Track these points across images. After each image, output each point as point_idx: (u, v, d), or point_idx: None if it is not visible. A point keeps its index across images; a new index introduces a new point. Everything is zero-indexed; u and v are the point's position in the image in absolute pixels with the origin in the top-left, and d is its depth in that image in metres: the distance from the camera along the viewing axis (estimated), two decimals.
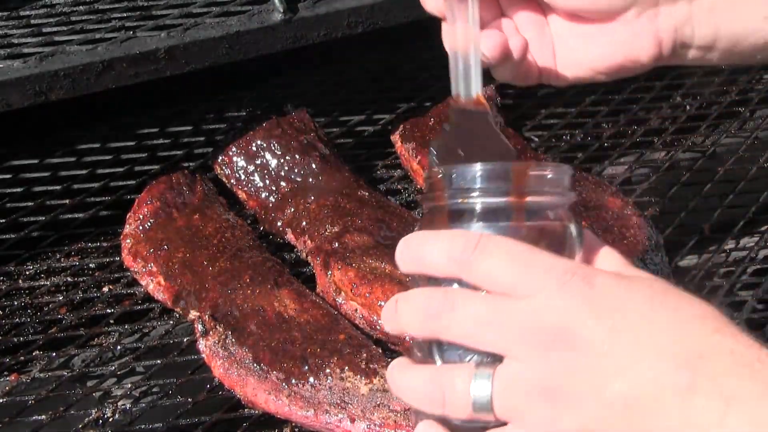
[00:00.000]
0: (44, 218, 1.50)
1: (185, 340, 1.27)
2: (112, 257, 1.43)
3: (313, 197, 1.41)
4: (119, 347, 1.29)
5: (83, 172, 1.61)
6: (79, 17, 1.49)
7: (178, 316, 1.33)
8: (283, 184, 1.45)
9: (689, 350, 0.73)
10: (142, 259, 1.36)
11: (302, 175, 1.45)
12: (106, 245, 1.47)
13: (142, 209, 1.41)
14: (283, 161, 1.46)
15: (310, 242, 1.36)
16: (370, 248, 1.29)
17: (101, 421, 1.18)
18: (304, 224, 1.39)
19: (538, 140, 1.71)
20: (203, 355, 1.21)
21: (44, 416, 1.17)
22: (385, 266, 1.26)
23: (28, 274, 1.42)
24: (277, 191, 1.45)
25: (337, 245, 1.31)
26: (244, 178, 1.47)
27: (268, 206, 1.45)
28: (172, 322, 1.32)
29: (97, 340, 1.32)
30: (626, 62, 0.97)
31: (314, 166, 1.45)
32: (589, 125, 1.74)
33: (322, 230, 1.36)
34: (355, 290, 1.25)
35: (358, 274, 1.26)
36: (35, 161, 1.63)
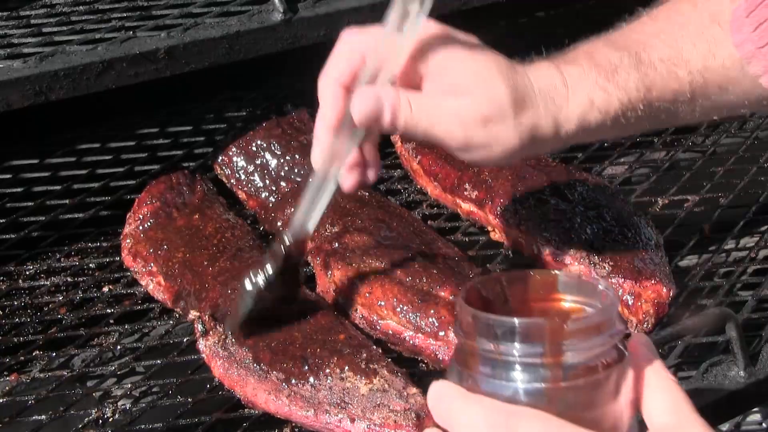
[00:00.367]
0: (44, 218, 1.50)
1: (185, 340, 1.27)
2: (112, 257, 1.43)
3: None
4: (119, 347, 1.29)
5: (83, 172, 1.61)
6: (79, 17, 1.49)
7: (178, 316, 1.33)
8: (283, 184, 1.45)
9: None
10: (142, 259, 1.36)
11: (302, 175, 1.45)
12: (106, 245, 1.47)
13: (142, 209, 1.41)
14: (283, 161, 1.46)
15: (310, 242, 1.36)
16: (370, 248, 1.29)
17: (101, 421, 1.18)
18: None
19: None
20: (203, 355, 1.21)
21: (44, 416, 1.17)
22: (385, 266, 1.26)
23: (28, 274, 1.42)
24: (277, 191, 1.45)
25: (337, 245, 1.31)
26: (244, 178, 1.47)
27: (268, 206, 1.45)
28: (172, 322, 1.32)
29: (97, 340, 1.32)
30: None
31: None
32: None
33: (322, 230, 1.36)
34: (355, 290, 1.25)
35: (358, 274, 1.26)
36: (35, 161, 1.63)
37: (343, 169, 1.02)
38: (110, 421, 1.18)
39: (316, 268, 1.33)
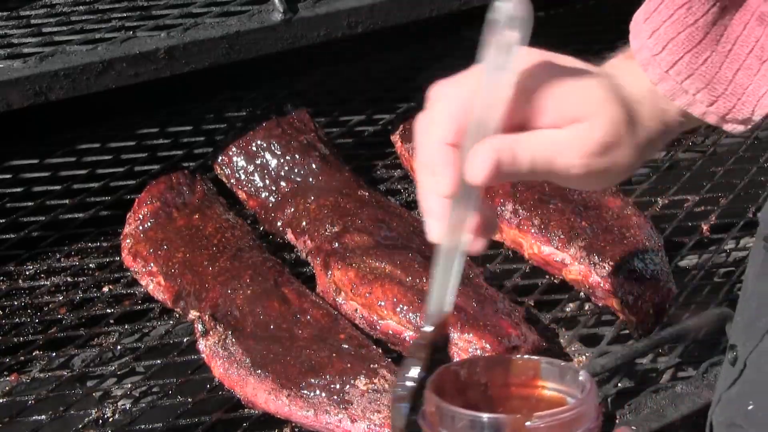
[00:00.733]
0: (44, 218, 1.50)
1: (185, 340, 1.27)
2: (112, 257, 1.43)
3: (313, 197, 1.41)
4: (119, 347, 1.29)
5: (83, 172, 1.61)
6: (79, 17, 1.49)
7: (178, 316, 1.33)
8: (283, 184, 1.45)
9: None
10: (142, 259, 1.36)
11: (302, 175, 1.45)
12: (106, 245, 1.47)
13: (142, 209, 1.41)
14: (283, 161, 1.46)
15: (310, 242, 1.36)
16: (370, 248, 1.29)
17: (101, 421, 1.18)
18: (304, 224, 1.39)
19: None
20: (203, 355, 1.21)
21: (44, 416, 1.17)
22: (385, 266, 1.26)
23: (28, 274, 1.42)
24: (277, 191, 1.45)
25: (337, 245, 1.31)
26: (244, 178, 1.47)
27: (268, 206, 1.45)
28: (172, 322, 1.32)
29: (97, 340, 1.32)
30: None
31: (314, 166, 1.45)
32: None
33: (322, 230, 1.35)
34: (355, 290, 1.25)
35: (358, 274, 1.26)
36: (35, 161, 1.63)
37: (468, 235, 0.89)
38: (110, 421, 1.18)
39: (316, 268, 1.33)
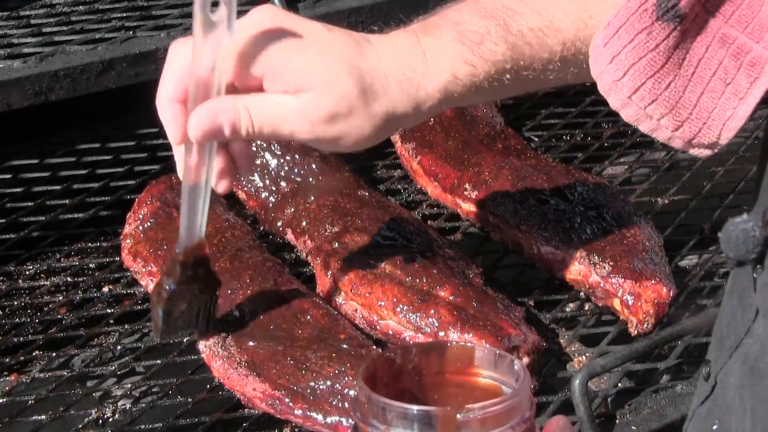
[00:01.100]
0: (44, 218, 1.50)
1: (185, 340, 1.27)
2: (112, 257, 1.43)
3: (313, 197, 1.41)
4: (119, 347, 1.29)
5: (83, 172, 1.61)
6: (79, 17, 1.49)
7: None
8: (283, 184, 1.45)
9: None
10: (142, 259, 1.35)
11: (302, 175, 1.45)
12: (106, 245, 1.47)
13: (142, 209, 1.41)
14: (283, 161, 1.46)
15: (310, 242, 1.36)
16: (370, 248, 1.29)
17: (101, 421, 1.18)
18: (304, 224, 1.39)
19: (538, 140, 1.71)
20: (203, 355, 1.21)
21: (44, 416, 1.17)
22: (385, 266, 1.26)
23: (28, 274, 1.42)
24: (277, 191, 1.45)
25: (337, 245, 1.31)
26: (244, 178, 1.47)
27: (268, 206, 1.45)
28: None
29: (97, 340, 1.32)
30: None
31: (314, 166, 1.45)
32: (589, 125, 1.74)
33: (322, 230, 1.35)
34: (355, 290, 1.25)
35: (358, 274, 1.26)
36: (35, 161, 1.63)
37: (213, 176, 0.98)
38: (110, 421, 1.18)
39: (316, 268, 1.33)
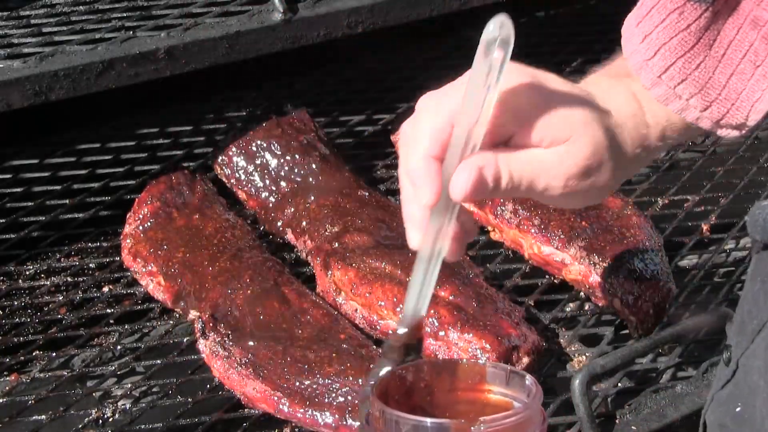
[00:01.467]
0: (44, 218, 1.50)
1: (185, 340, 1.27)
2: (112, 257, 1.43)
3: (313, 197, 1.41)
4: (119, 347, 1.29)
5: (83, 172, 1.61)
6: (79, 17, 1.49)
7: (178, 316, 1.33)
8: (283, 184, 1.45)
9: None
10: (142, 259, 1.36)
11: (302, 175, 1.45)
12: (106, 245, 1.47)
13: (142, 209, 1.41)
14: (283, 161, 1.46)
15: (310, 242, 1.36)
16: (370, 248, 1.29)
17: (101, 421, 1.18)
18: (304, 224, 1.39)
19: None
20: (203, 355, 1.21)
21: (44, 416, 1.17)
22: (385, 266, 1.26)
23: (28, 274, 1.42)
24: (277, 191, 1.45)
25: (337, 245, 1.31)
26: (244, 178, 1.47)
27: (268, 206, 1.45)
28: (172, 322, 1.32)
29: (97, 340, 1.32)
30: None
31: (314, 166, 1.45)
32: None
33: (322, 230, 1.36)
34: (355, 290, 1.25)
35: (358, 274, 1.26)
36: (35, 161, 1.63)
37: (446, 243, 0.89)
38: (110, 421, 1.18)
39: (316, 268, 1.33)
